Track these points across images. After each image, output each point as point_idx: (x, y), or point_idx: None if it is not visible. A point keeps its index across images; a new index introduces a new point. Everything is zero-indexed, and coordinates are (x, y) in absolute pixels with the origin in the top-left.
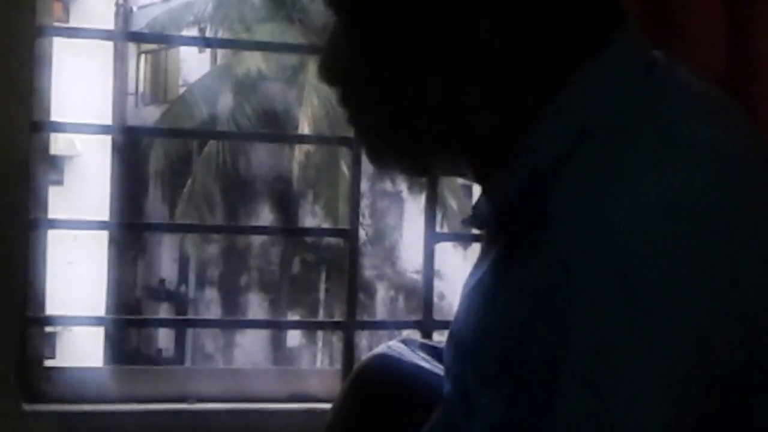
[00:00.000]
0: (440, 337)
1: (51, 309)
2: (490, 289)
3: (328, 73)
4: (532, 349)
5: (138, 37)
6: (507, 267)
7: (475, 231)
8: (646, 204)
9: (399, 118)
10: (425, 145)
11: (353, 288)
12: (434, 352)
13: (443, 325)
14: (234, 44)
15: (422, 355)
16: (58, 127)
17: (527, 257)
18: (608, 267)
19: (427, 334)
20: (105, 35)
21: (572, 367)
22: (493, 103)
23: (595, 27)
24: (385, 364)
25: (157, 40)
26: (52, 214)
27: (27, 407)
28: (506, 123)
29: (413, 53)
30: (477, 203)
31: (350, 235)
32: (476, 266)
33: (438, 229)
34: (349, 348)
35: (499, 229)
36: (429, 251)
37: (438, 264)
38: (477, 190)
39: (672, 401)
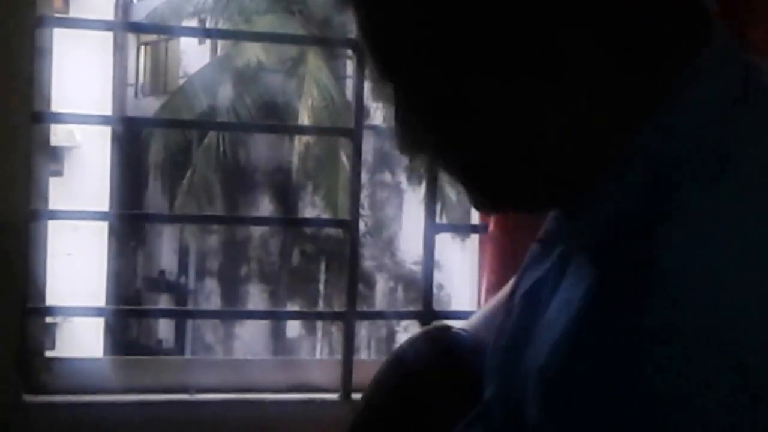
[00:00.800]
0: None
1: (51, 301)
2: (574, 328)
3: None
4: (620, 415)
5: (138, 28)
6: (596, 313)
7: (475, 222)
8: None
9: (497, 154)
10: (524, 175)
11: (353, 278)
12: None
13: (442, 315)
14: (234, 35)
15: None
16: (59, 118)
17: (621, 319)
18: (721, 348)
19: (426, 324)
20: (105, 26)
21: None
22: (587, 123)
23: (684, 35)
24: (432, 347)
25: (157, 31)
26: (51, 206)
27: (28, 398)
28: (598, 144)
29: (505, 85)
30: (551, 228)
31: (350, 225)
32: (533, 264)
33: (437, 220)
34: (350, 338)
35: (585, 253)
36: (429, 242)
37: (437, 255)
38: None
39: None
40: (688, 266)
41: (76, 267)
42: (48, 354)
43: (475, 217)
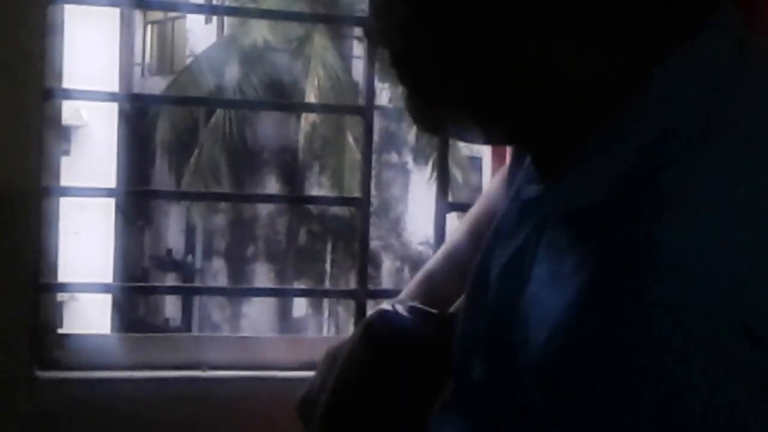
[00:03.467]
0: None
1: (59, 280)
2: (575, 308)
3: (398, 44)
4: (638, 407)
5: (144, 4)
6: (598, 290)
7: None
8: None
9: (500, 86)
10: (522, 115)
11: (364, 256)
12: (421, 314)
13: None
14: (241, 12)
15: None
16: (70, 95)
17: (625, 294)
18: (733, 323)
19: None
20: (111, 2)
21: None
22: (599, 74)
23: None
24: (393, 322)
25: (163, 8)
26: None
27: (39, 373)
28: (606, 98)
29: (533, 21)
30: (552, 185)
31: (361, 203)
32: (502, 238)
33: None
34: (361, 316)
35: (576, 218)
36: (440, 220)
37: (446, 237)
38: (487, 162)
39: None
40: (686, 238)
41: (83, 246)
42: (59, 331)
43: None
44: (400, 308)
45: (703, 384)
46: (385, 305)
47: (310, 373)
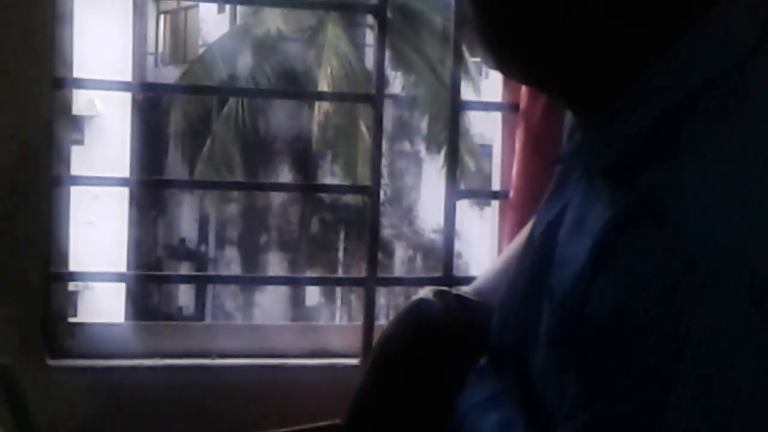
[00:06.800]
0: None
1: (73, 269)
2: (595, 255)
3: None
4: (642, 341)
5: None
6: (615, 238)
7: (495, 188)
8: None
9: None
10: (550, 63)
11: (374, 244)
12: (461, 302)
13: (463, 281)
14: (253, 1)
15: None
16: (80, 84)
17: (641, 241)
18: (738, 266)
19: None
20: None
21: (691, 372)
22: (616, 40)
23: None
24: (430, 307)
25: None
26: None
27: (51, 362)
28: (622, 65)
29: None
30: (572, 144)
31: (371, 191)
32: (550, 202)
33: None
34: (370, 303)
35: (600, 178)
36: (450, 207)
37: (456, 224)
38: (498, 151)
39: None
40: (698, 192)
41: (97, 236)
42: (70, 320)
43: (496, 183)
44: (431, 297)
45: (707, 326)
46: (423, 294)
47: (322, 361)
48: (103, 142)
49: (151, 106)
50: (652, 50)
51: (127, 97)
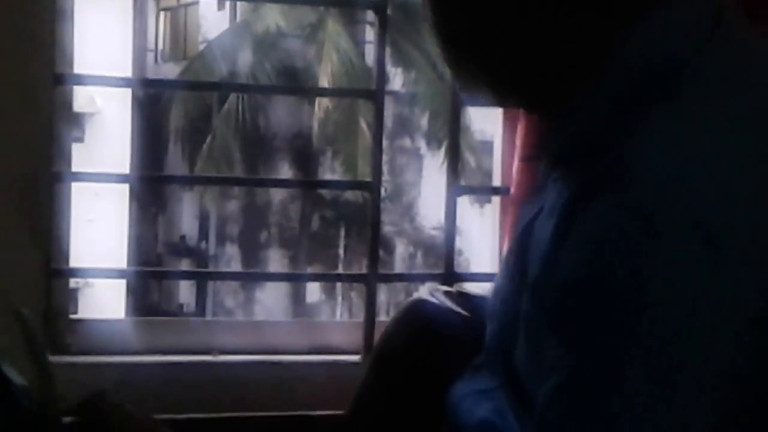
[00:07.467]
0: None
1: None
2: (559, 229)
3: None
4: (606, 299)
5: None
6: (576, 210)
7: (496, 184)
8: (726, 161)
9: (491, 47)
10: (509, 73)
11: (375, 240)
12: (457, 299)
13: (464, 277)
14: None
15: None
16: (81, 80)
17: (599, 206)
18: (689, 219)
19: (448, 286)
20: None
21: (651, 322)
22: (569, 36)
23: None
24: (429, 306)
25: None
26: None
27: (52, 358)
28: (578, 58)
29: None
30: (544, 139)
31: (372, 187)
32: (531, 201)
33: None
34: (371, 299)
35: (564, 166)
36: (451, 203)
37: (457, 220)
38: (498, 146)
39: (750, 355)
40: (652, 159)
41: (97, 233)
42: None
43: (497, 179)
44: (430, 294)
45: (666, 270)
46: (423, 291)
47: (322, 358)
48: (104, 139)
49: (151, 103)
50: (607, 40)
51: (127, 94)
